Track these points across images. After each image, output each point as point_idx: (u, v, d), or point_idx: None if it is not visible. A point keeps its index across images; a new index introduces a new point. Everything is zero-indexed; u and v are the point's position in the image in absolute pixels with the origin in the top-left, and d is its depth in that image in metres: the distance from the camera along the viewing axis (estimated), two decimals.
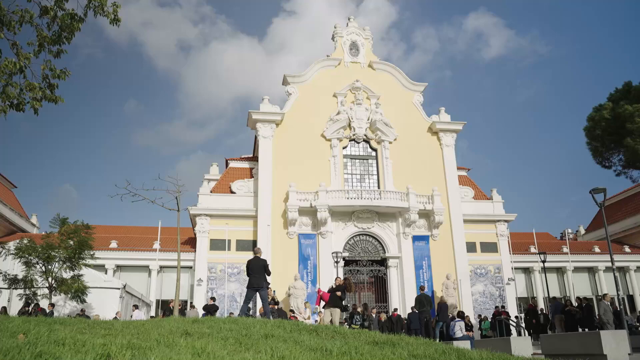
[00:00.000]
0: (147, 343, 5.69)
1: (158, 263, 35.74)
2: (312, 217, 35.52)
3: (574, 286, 39.56)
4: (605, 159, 22.95)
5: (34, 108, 8.32)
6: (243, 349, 6.53)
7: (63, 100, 8.59)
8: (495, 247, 38.21)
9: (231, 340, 7.10)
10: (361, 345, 7.65)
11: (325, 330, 9.54)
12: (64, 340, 5.45)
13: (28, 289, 21.45)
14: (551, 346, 11.88)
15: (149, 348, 5.42)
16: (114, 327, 8.01)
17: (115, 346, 5.23)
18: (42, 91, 8.34)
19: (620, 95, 21.31)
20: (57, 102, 8.52)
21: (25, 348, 4.78)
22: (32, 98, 8.27)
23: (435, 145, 39.35)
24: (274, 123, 37.39)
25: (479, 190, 40.53)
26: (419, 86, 40.78)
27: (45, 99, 8.41)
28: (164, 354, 5.16)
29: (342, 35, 40.88)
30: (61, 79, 8.58)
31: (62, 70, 8.62)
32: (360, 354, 6.82)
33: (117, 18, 8.87)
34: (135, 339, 5.98)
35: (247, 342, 6.99)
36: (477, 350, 8.17)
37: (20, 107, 8.27)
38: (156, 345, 5.68)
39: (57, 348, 4.96)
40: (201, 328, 8.61)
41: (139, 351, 5.16)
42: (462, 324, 17.12)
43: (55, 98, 8.52)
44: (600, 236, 47.15)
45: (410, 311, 24.09)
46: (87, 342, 5.37)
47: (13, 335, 5.65)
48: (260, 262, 14.40)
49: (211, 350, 5.79)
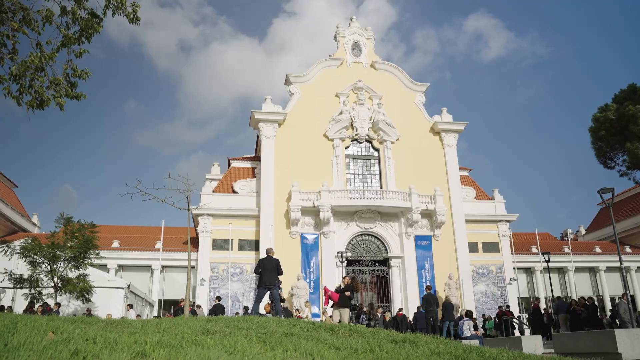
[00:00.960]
0: (176, 341, 5.70)
1: (161, 263, 35.68)
2: (315, 216, 35.53)
3: (576, 286, 39.67)
4: (609, 160, 22.96)
5: (60, 104, 8.30)
6: (268, 347, 6.54)
7: (85, 97, 8.59)
8: (497, 247, 38.28)
9: (254, 338, 7.10)
10: (383, 343, 7.67)
11: (342, 329, 9.55)
12: (95, 338, 5.45)
13: (33, 288, 21.39)
14: (563, 345, 11.90)
15: (181, 346, 5.43)
16: (134, 326, 8.01)
17: (148, 344, 5.24)
18: (65, 88, 8.33)
19: (625, 96, 21.36)
20: (79, 98, 8.51)
21: (61, 346, 4.78)
22: (57, 94, 8.26)
23: (437, 146, 39.40)
24: (276, 123, 37.40)
25: (480, 190, 40.61)
26: (421, 86, 40.83)
27: (67, 95, 8.40)
28: (198, 352, 5.17)
29: (345, 35, 40.90)
30: (82, 78, 8.59)
31: (83, 71, 8.63)
32: (385, 351, 6.84)
33: (137, 17, 8.88)
34: (164, 337, 5.98)
35: (270, 340, 7.00)
36: (497, 349, 8.18)
37: (44, 104, 8.25)
38: (187, 343, 5.68)
39: (92, 346, 4.96)
40: (220, 327, 8.61)
41: (172, 349, 5.17)
42: (471, 323, 17.16)
43: (78, 95, 8.52)
44: (601, 236, 47.31)
45: (416, 310, 24.12)
46: (119, 340, 5.37)
47: (41, 334, 5.65)
48: (273, 261, 14.42)
49: (241, 348, 5.80)
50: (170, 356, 4.86)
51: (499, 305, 33.36)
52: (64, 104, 8.32)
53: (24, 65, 7.82)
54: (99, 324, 7.58)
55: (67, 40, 8.24)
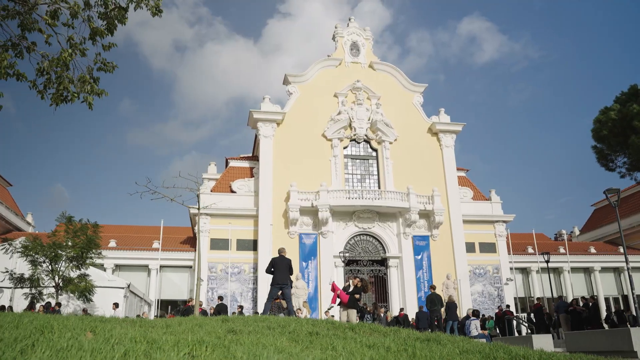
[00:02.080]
0: (216, 340, 5.66)
1: (159, 262, 35.49)
2: (313, 216, 35.51)
3: (572, 286, 39.93)
4: (610, 161, 23.12)
5: (89, 102, 8.22)
6: (302, 345, 6.51)
7: (107, 94, 8.51)
8: (494, 248, 38.46)
9: (284, 338, 7.08)
10: (412, 342, 7.67)
11: (362, 328, 9.54)
12: (136, 338, 5.40)
13: (34, 288, 21.20)
14: (575, 343, 11.98)
15: (224, 345, 5.39)
16: (159, 325, 7.95)
17: (192, 344, 5.20)
18: (91, 84, 8.25)
19: (626, 98, 21.55)
20: (101, 95, 8.43)
21: (106, 346, 4.73)
22: (85, 91, 8.17)
23: (434, 146, 39.52)
24: (274, 122, 37.33)
25: (477, 191, 40.78)
26: (419, 87, 40.93)
27: (92, 92, 8.32)
28: (247, 350, 5.14)
29: (343, 35, 40.90)
30: (108, 72, 8.50)
31: (110, 63, 8.56)
32: (418, 350, 6.84)
33: (160, 9, 8.81)
34: (203, 336, 5.93)
35: (302, 339, 6.98)
36: (522, 347, 8.21)
37: (68, 100, 8.16)
38: (228, 342, 5.64)
39: (138, 346, 4.91)
40: (239, 326, 8.57)
41: (218, 348, 5.13)
42: (478, 322, 17.22)
43: (100, 92, 8.44)
44: (595, 237, 47.64)
45: (417, 310, 24.17)
46: (161, 340, 5.32)
47: (80, 334, 5.59)
48: (286, 260, 14.40)
49: (282, 347, 5.77)
50: (222, 355, 4.83)
51: (498, 305, 33.49)
52: (91, 101, 8.24)
53: (55, 61, 7.74)
54: (127, 322, 7.52)
55: (96, 33, 8.16)
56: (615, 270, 42.68)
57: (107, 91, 8.46)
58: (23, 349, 4.34)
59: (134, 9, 8.55)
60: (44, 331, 5.37)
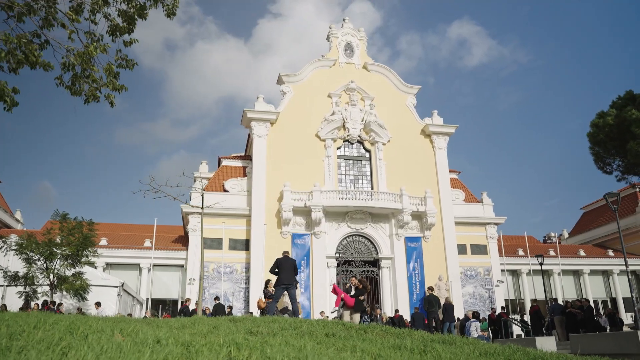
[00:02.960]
0: (246, 342, 5.58)
1: (152, 261, 35.19)
2: (306, 217, 35.44)
3: (563, 288, 40.29)
4: (607, 165, 23.37)
5: (111, 100, 8.10)
6: (326, 347, 6.45)
7: (127, 89, 8.40)
8: (485, 250, 38.69)
9: (307, 339, 7.01)
10: (429, 343, 7.65)
11: (373, 330, 9.50)
12: (167, 340, 5.31)
13: (28, 286, 20.89)
14: (580, 345, 12.04)
15: (256, 347, 5.31)
16: (174, 326, 7.85)
17: (229, 346, 5.13)
18: (112, 80, 8.14)
19: (623, 103, 21.79)
20: (121, 91, 8.32)
21: (149, 349, 4.64)
22: (108, 87, 8.06)
23: (427, 148, 39.65)
24: (268, 122, 37.20)
25: (469, 193, 40.99)
26: (412, 89, 41.03)
27: (114, 88, 8.20)
28: (285, 352, 5.08)
29: (337, 36, 40.88)
30: (128, 68, 8.39)
31: (130, 60, 8.44)
32: (440, 351, 6.83)
33: (174, 12, 8.71)
34: (233, 338, 5.85)
35: (325, 341, 6.93)
36: (538, 350, 8.23)
37: (90, 97, 8.04)
38: (259, 344, 5.57)
39: (177, 348, 4.83)
40: (256, 327, 8.50)
41: (255, 350, 5.06)
42: (478, 324, 17.28)
43: (120, 87, 8.33)
44: (584, 240, 48.13)
45: (413, 312, 24.22)
46: (195, 342, 5.24)
47: (109, 336, 5.48)
48: (290, 261, 14.34)
49: (311, 348, 5.72)
50: (261, 358, 4.76)
51: (491, 307, 33.68)
52: (113, 97, 8.12)
53: (81, 55, 7.61)
54: (147, 322, 7.41)
55: (116, 30, 8.05)
56: (604, 273, 43.15)
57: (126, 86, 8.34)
58: (64, 352, 4.24)
59: (149, 7, 8.43)
60: (74, 332, 5.27)
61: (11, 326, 5.41)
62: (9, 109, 7.44)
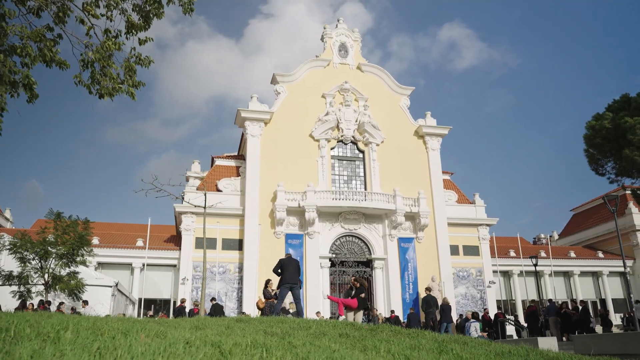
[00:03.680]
0: (274, 343, 5.54)
1: (146, 261, 34.92)
2: (300, 217, 35.39)
3: (555, 290, 40.61)
4: (600, 167, 23.60)
5: (132, 93, 8.01)
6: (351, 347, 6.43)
7: (144, 84, 8.32)
8: (477, 251, 38.86)
9: (327, 339, 6.98)
10: (444, 343, 7.66)
11: (382, 330, 9.49)
12: (195, 342, 5.25)
13: (23, 285, 20.62)
14: (585, 346, 12.14)
15: (284, 348, 5.28)
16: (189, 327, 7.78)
17: (262, 348, 5.09)
18: (131, 76, 8.05)
19: (619, 106, 22.01)
20: (139, 87, 8.24)
21: (184, 351, 4.59)
22: (127, 83, 7.97)
23: (421, 149, 39.76)
24: (262, 122, 37.10)
25: (461, 194, 41.15)
26: (406, 90, 41.13)
27: (132, 84, 8.11)
28: (316, 353, 5.05)
29: (332, 36, 40.88)
30: (144, 66, 8.30)
31: (146, 57, 8.35)
32: (458, 350, 6.85)
33: (192, 7, 8.63)
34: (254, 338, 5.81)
35: (341, 341, 6.90)
36: (552, 351, 8.27)
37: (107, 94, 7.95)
38: (288, 346, 5.53)
39: (209, 349, 4.78)
40: (269, 328, 8.46)
41: (288, 352, 5.03)
42: (477, 324, 17.35)
43: (138, 83, 8.24)
44: (573, 242, 48.52)
45: (409, 312, 24.29)
46: (224, 343, 5.20)
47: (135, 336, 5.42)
48: (294, 261, 14.30)
49: (337, 348, 5.69)
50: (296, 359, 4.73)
51: (484, 308, 33.83)
52: (134, 92, 8.03)
53: (99, 51, 7.51)
54: (166, 323, 7.34)
55: (133, 27, 7.96)
56: (593, 274, 43.55)
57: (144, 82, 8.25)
58: (101, 354, 4.18)
59: (167, 3, 8.36)
60: (102, 334, 5.20)
61: (35, 326, 5.33)
62: (31, 100, 7.34)
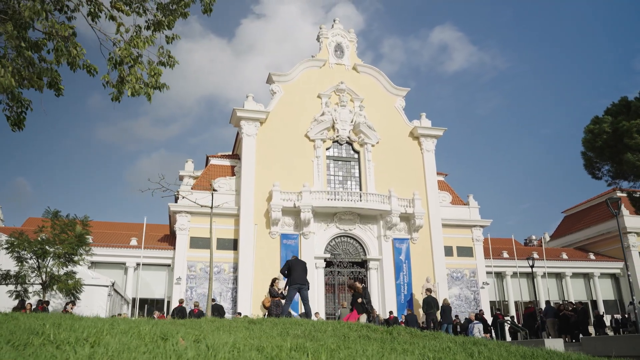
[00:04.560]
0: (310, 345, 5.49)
1: (138, 260, 34.62)
2: (295, 217, 35.31)
3: (549, 291, 40.90)
4: (597, 170, 23.80)
5: (148, 94, 7.87)
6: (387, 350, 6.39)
7: (168, 87, 8.19)
8: (471, 252, 39.03)
9: (351, 342, 6.94)
10: (468, 345, 7.65)
11: (399, 331, 9.47)
12: (235, 345, 5.19)
13: (20, 285, 20.34)
14: (593, 348, 12.20)
15: (327, 352, 5.23)
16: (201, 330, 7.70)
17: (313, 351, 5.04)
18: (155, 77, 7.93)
19: (617, 110, 22.19)
20: (162, 89, 8.11)
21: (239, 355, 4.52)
22: (152, 85, 7.85)
23: (416, 150, 39.84)
24: (258, 121, 36.95)
25: (456, 195, 41.31)
26: (401, 91, 41.17)
27: (156, 86, 7.99)
28: (362, 358, 5.00)
29: (328, 36, 40.80)
30: (169, 66, 8.18)
31: (171, 57, 8.23)
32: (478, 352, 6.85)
33: (211, 8, 8.53)
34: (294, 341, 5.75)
35: (373, 343, 6.86)
36: (565, 352, 8.30)
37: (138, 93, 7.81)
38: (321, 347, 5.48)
39: (254, 354, 4.72)
40: (287, 329, 8.41)
41: (331, 355, 4.98)
42: (481, 326, 17.40)
43: (162, 85, 8.12)
44: (565, 243, 48.89)
45: (406, 313, 24.32)
46: (267, 347, 5.14)
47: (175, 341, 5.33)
48: (302, 262, 14.25)
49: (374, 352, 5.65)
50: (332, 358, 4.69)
51: (479, 309, 33.95)
52: (152, 94, 7.90)
53: (127, 48, 7.38)
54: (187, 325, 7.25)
55: (160, 25, 7.84)
56: (585, 276, 43.91)
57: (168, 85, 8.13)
58: None
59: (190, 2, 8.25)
60: (144, 338, 5.11)
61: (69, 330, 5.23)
62: (59, 94, 7.24)
